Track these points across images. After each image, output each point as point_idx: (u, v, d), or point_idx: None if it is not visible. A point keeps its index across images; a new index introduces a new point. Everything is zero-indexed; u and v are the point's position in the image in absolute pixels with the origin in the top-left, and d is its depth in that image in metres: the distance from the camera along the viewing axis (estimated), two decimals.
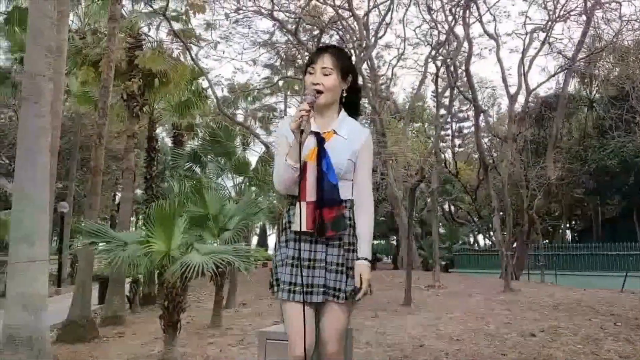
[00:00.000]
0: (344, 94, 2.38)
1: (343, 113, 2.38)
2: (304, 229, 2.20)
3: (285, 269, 2.25)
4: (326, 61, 2.29)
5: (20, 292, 4.84)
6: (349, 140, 2.30)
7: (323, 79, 2.27)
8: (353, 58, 14.41)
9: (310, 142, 2.22)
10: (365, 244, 2.31)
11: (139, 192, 22.08)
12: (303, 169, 2.19)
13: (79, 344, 8.55)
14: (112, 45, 10.64)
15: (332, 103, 2.34)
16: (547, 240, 27.90)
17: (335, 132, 2.31)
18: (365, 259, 2.29)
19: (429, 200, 23.86)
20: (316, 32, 14.18)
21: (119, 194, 28.66)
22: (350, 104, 2.42)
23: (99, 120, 10.59)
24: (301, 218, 2.19)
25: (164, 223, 6.18)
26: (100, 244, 6.82)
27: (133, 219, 18.98)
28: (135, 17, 13.42)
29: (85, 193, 20.41)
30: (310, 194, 2.21)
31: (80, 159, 24.27)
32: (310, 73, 2.30)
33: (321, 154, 2.22)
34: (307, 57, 13.26)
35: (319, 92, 2.26)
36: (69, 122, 22.31)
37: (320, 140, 2.24)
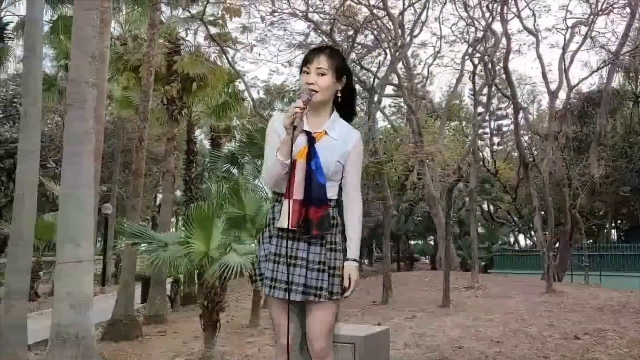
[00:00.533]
0: (339, 95, 2.40)
1: (335, 114, 2.41)
2: (286, 225, 2.24)
3: (268, 264, 2.29)
4: (321, 62, 2.32)
5: (67, 292, 5.01)
6: (340, 142, 2.33)
7: (318, 79, 2.30)
8: (388, 57, 14.34)
9: (301, 141, 2.26)
10: (354, 246, 2.35)
11: (178, 193, 22.53)
12: (292, 166, 2.23)
13: (123, 342, 8.81)
14: (152, 51, 10.93)
15: (326, 103, 2.37)
16: (591, 240, 27.01)
17: (326, 132, 2.34)
18: (354, 260, 2.33)
19: (467, 199, 23.50)
20: (351, 33, 14.13)
21: (159, 196, 29.28)
22: (346, 105, 2.44)
23: (140, 124, 10.89)
24: (289, 215, 2.22)
25: (203, 224, 6.30)
26: (142, 245, 7.02)
27: (173, 219, 19.42)
28: (174, 23, 13.72)
29: (127, 195, 20.95)
30: (298, 192, 2.24)
31: (123, 162, 24.94)
32: (306, 73, 2.33)
33: (311, 153, 2.25)
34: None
35: (314, 91, 2.29)
36: (111, 127, 22.98)
37: (311, 139, 2.27)
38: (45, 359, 5.77)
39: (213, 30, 13.13)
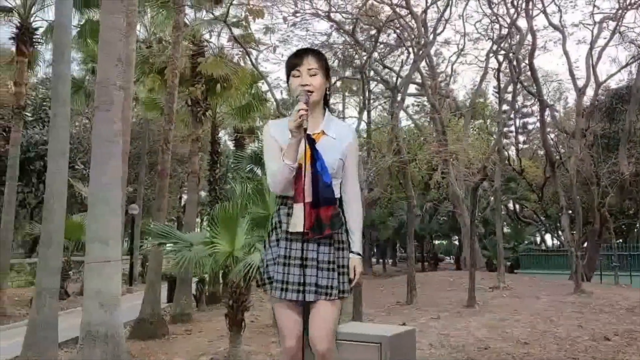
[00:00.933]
0: (327, 93, 2.43)
1: (328, 113, 2.45)
2: (301, 229, 2.25)
3: (277, 267, 2.30)
4: (311, 62, 2.35)
5: (96, 290, 5.11)
6: (338, 139, 2.36)
7: (311, 80, 2.33)
8: (411, 56, 14.25)
9: (302, 144, 2.27)
10: (357, 239, 2.40)
11: (203, 194, 22.76)
12: (297, 170, 2.24)
13: (150, 340, 8.93)
14: (177, 53, 11.05)
15: (319, 103, 2.39)
16: (620, 240, 26.43)
17: (324, 132, 2.36)
18: (358, 253, 2.39)
19: (492, 198, 23.21)
20: (373, 32, 14.09)
21: (184, 196, 29.65)
22: (325, 102, 2.48)
23: (165, 126, 11.03)
24: (305, 219, 2.23)
25: (228, 224, 6.35)
26: (168, 245, 7.11)
27: (198, 220, 19.62)
28: (198, 25, 13.85)
29: (153, 196, 21.21)
30: (307, 195, 2.25)
31: (149, 163, 25.29)
32: (296, 76, 2.35)
33: (315, 155, 2.26)
34: (364, 57, 13.23)
35: (310, 92, 2.30)
36: (137, 128, 23.33)
37: (311, 141, 2.28)
38: (75, 357, 5.89)
39: (236, 31, 13.23)
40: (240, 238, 6.43)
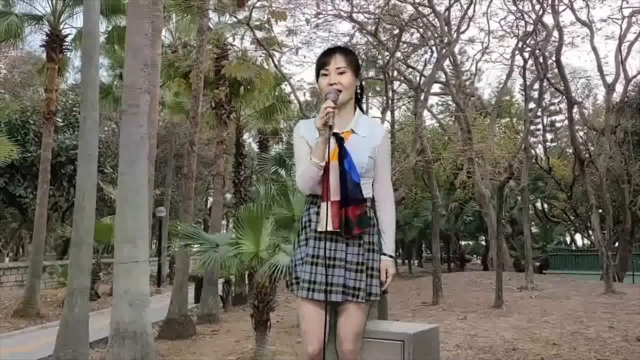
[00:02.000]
0: (358, 91, 2.40)
1: (358, 111, 2.40)
2: (329, 228, 2.21)
3: (305, 267, 2.27)
4: (339, 61, 2.31)
5: (125, 290, 5.22)
6: (368, 138, 2.32)
7: (339, 78, 2.29)
8: (435, 55, 14.14)
9: (331, 143, 2.24)
10: (389, 241, 2.35)
11: (228, 196, 22.99)
12: (325, 168, 2.22)
13: (178, 340, 9.07)
14: (201, 57, 11.20)
15: (348, 101, 2.36)
16: None
17: (353, 131, 2.33)
18: (390, 255, 2.35)
19: (519, 198, 22.86)
20: (396, 31, 14.03)
21: (210, 198, 29.97)
22: (357, 100, 2.45)
23: (190, 129, 11.19)
24: (327, 218, 2.21)
25: (253, 225, 6.41)
26: (195, 246, 7.21)
27: (224, 222, 19.82)
28: (221, 29, 14.01)
29: (180, 198, 21.51)
30: (334, 194, 2.22)
31: (175, 166, 25.65)
32: (325, 75, 2.32)
33: (342, 153, 2.23)
34: (387, 57, 13.19)
35: (339, 91, 2.27)
36: (164, 132, 23.68)
37: (340, 139, 2.25)
38: (105, 355, 6.02)
39: (259, 34, 13.32)
40: (265, 239, 6.49)
